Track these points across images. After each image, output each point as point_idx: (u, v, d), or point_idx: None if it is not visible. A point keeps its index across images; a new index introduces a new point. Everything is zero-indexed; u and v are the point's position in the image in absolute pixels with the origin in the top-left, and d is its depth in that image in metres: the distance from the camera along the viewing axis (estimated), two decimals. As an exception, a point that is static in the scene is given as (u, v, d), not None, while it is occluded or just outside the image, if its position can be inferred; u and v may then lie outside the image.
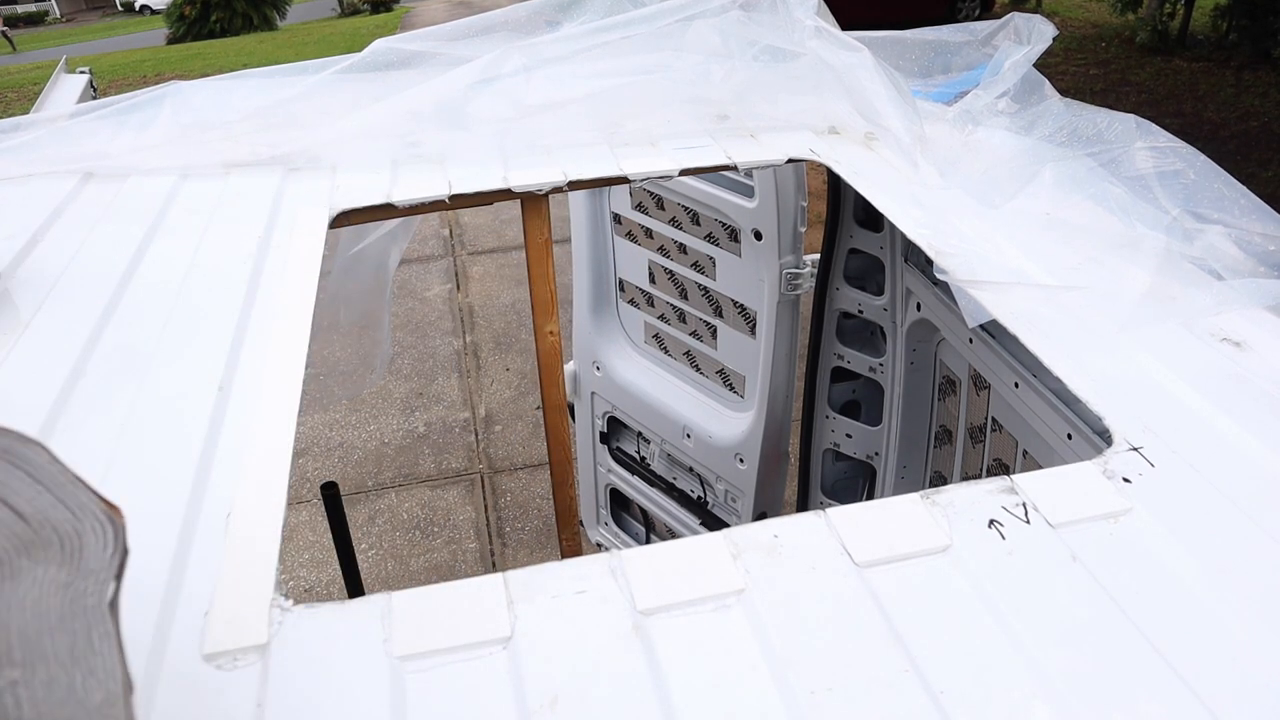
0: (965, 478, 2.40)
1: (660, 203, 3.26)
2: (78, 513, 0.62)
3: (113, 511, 0.62)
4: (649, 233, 3.38)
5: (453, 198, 1.84)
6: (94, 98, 2.43)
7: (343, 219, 1.81)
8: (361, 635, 0.93)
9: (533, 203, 2.05)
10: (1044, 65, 2.04)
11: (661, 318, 3.56)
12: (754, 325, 3.14)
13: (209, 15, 27.71)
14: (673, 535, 3.75)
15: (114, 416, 1.22)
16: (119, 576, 0.59)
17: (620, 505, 4.12)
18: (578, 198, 3.54)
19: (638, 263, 3.53)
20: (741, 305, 3.15)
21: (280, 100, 1.97)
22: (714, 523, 3.55)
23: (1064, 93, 2.03)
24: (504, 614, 0.95)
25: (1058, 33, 2.13)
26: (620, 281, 3.69)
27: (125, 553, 0.60)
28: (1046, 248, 1.67)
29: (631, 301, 3.68)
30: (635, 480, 3.88)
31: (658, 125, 2.10)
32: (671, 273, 3.39)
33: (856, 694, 0.88)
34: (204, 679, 0.88)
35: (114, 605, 0.57)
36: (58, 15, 50.99)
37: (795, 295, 2.97)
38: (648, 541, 3.28)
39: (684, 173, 1.98)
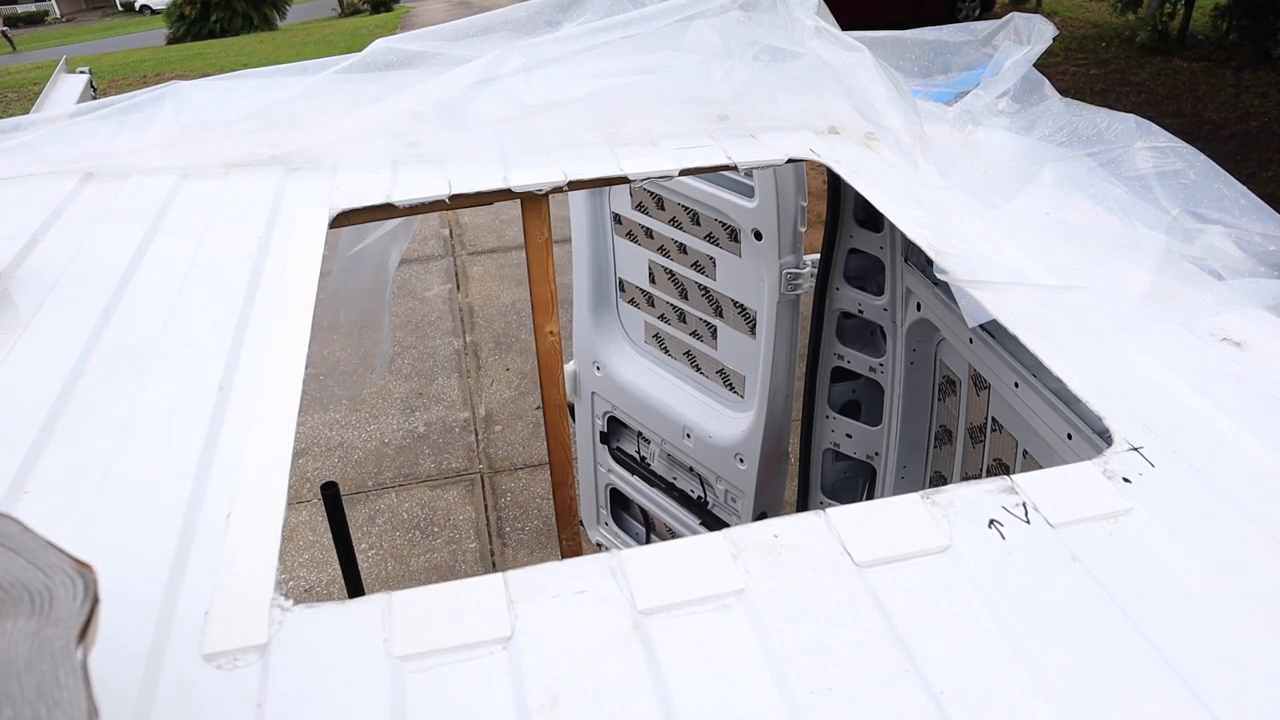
0: (965, 478, 2.40)
1: (660, 203, 3.26)
2: (48, 571, 0.67)
3: (84, 568, 0.67)
4: (649, 233, 3.38)
5: (453, 198, 1.84)
6: (94, 98, 2.43)
7: (343, 219, 1.81)
8: (361, 635, 0.93)
9: (533, 203, 2.05)
10: (1044, 65, 2.04)
11: (662, 318, 3.56)
12: (754, 325, 3.14)
13: (209, 15, 27.70)
14: (673, 535, 3.75)
15: (114, 416, 1.22)
16: (89, 622, 0.64)
17: (620, 505, 4.12)
18: (578, 198, 3.54)
19: (638, 263, 3.53)
20: (741, 305, 3.15)
21: (280, 100, 1.97)
22: (714, 523, 3.55)
23: (1064, 93, 2.03)
24: (504, 614, 0.95)
25: (1058, 33, 2.13)
26: (620, 281, 3.69)
27: (96, 601, 0.65)
28: (1046, 248, 1.67)
29: (632, 301, 3.68)
30: (635, 480, 3.88)
31: (658, 125, 2.10)
32: (671, 273, 3.39)
33: (856, 694, 0.88)
34: (204, 679, 0.88)
35: (85, 647, 0.63)
36: (58, 15, 50.99)
37: (795, 295, 2.97)
38: (648, 541, 3.28)
39: (684, 173, 1.98)
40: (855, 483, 3.36)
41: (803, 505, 3.47)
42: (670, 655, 0.92)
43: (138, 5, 48.46)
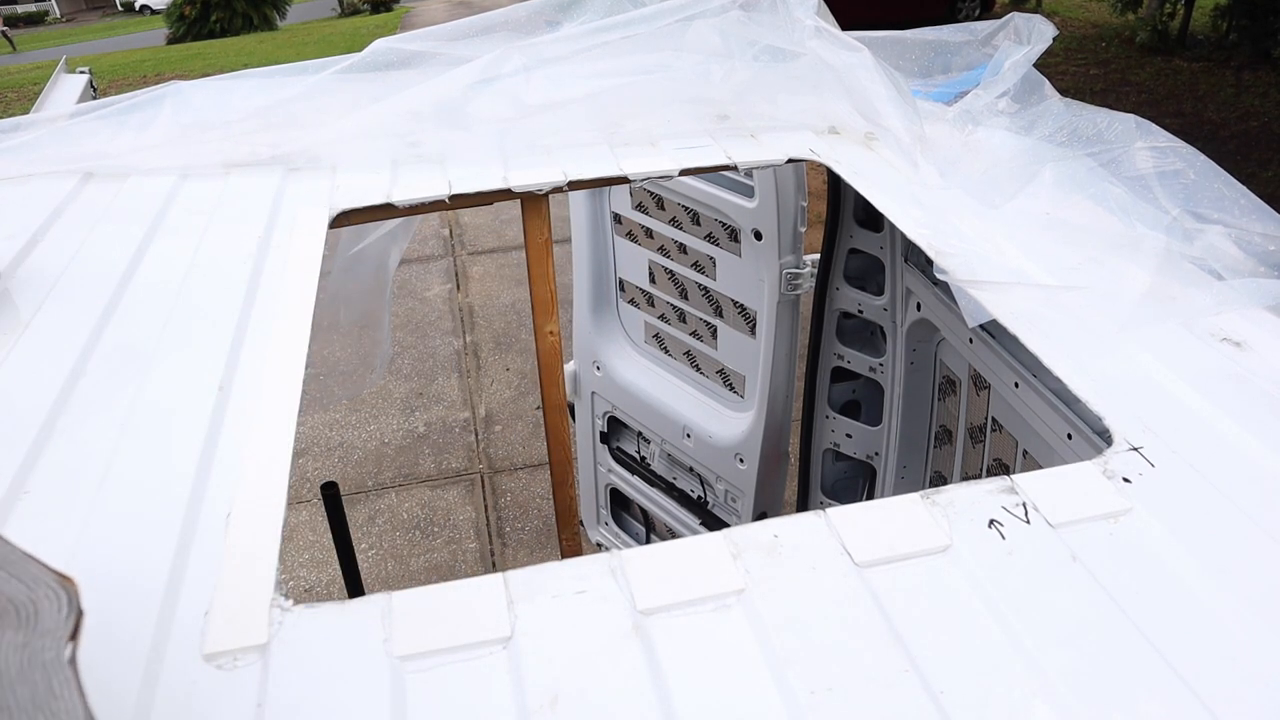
0: (965, 478, 2.40)
1: (660, 203, 3.26)
2: (31, 584, 0.68)
3: (65, 581, 0.68)
4: (649, 232, 3.38)
5: (453, 198, 1.84)
6: (94, 98, 2.43)
7: (343, 219, 1.81)
8: (361, 635, 0.93)
9: (533, 203, 2.05)
10: (1044, 65, 2.04)
11: (662, 318, 3.56)
12: (754, 325, 3.14)
13: (209, 15, 27.71)
14: (673, 535, 3.75)
15: (114, 416, 1.22)
16: (75, 634, 0.65)
17: (620, 505, 4.13)
18: (578, 198, 3.54)
19: (638, 263, 3.53)
20: (741, 305, 3.15)
21: (280, 100, 1.97)
22: (714, 523, 3.55)
23: (1064, 93, 2.03)
24: (504, 614, 0.95)
25: (1058, 33, 2.13)
26: (620, 281, 3.69)
27: (80, 614, 0.66)
28: (1046, 248, 1.67)
29: (632, 301, 3.68)
30: (635, 480, 3.88)
31: (658, 125, 2.10)
32: (672, 273, 3.39)
33: (856, 694, 0.88)
34: (204, 679, 0.88)
35: (73, 657, 0.64)
36: (58, 15, 50.99)
37: (795, 295, 2.97)
38: (648, 541, 3.28)
39: (684, 173, 1.98)
40: (855, 483, 3.36)
41: (803, 505, 3.47)
42: (670, 655, 0.92)
43: (138, 5, 48.46)
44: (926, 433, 2.89)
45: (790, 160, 2.03)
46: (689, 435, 3.49)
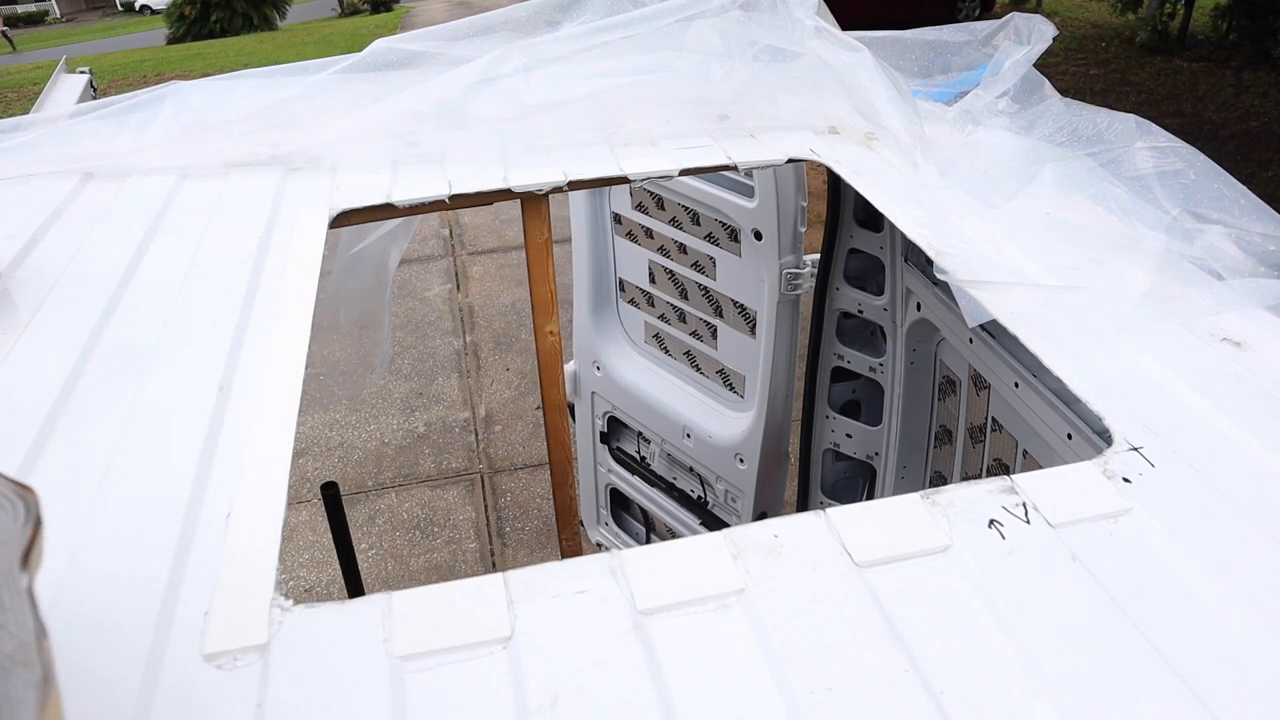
0: (965, 478, 2.40)
1: (660, 203, 3.26)
2: None
3: (25, 490, 0.67)
4: (649, 233, 3.38)
5: (453, 198, 1.84)
6: (94, 98, 2.43)
7: (343, 219, 1.81)
8: (361, 635, 0.93)
9: (533, 203, 2.05)
10: (1044, 65, 2.04)
11: (662, 318, 3.56)
12: (754, 325, 3.14)
13: (209, 15, 27.72)
14: (673, 535, 3.75)
15: (114, 416, 1.22)
16: (32, 544, 0.64)
17: (620, 505, 4.13)
18: (578, 198, 3.54)
19: (638, 263, 3.53)
20: (741, 305, 3.16)
21: (280, 100, 1.97)
22: (714, 523, 3.55)
23: (1064, 93, 2.03)
24: (504, 614, 0.96)
25: (1058, 33, 2.13)
26: (620, 281, 3.69)
27: (38, 523, 0.65)
28: (1046, 248, 1.67)
29: (632, 301, 3.68)
30: (635, 480, 3.88)
31: (658, 125, 2.10)
32: (672, 273, 3.39)
33: (856, 694, 0.88)
34: (204, 679, 0.88)
35: (30, 571, 0.63)
36: (58, 15, 50.99)
37: (795, 295, 2.97)
38: (648, 541, 3.28)
39: (684, 173, 1.98)
40: (855, 483, 3.36)
41: (803, 505, 3.47)
42: (670, 655, 0.92)
43: (138, 5, 48.46)
44: (926, 433, 2.89)
45: (790, 160, 2.03)
46: (689, 435, 3.49)
